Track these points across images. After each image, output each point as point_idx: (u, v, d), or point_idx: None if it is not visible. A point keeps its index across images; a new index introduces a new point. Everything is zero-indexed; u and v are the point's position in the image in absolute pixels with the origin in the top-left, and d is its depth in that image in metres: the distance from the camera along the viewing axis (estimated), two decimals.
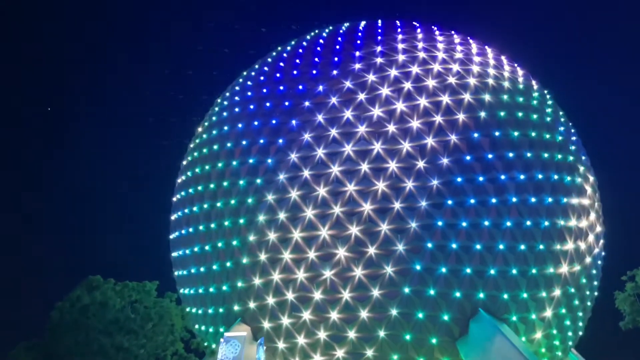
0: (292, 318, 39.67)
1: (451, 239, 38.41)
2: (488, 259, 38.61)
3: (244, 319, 41.36)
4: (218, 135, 47.07)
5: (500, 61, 48.70)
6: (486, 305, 38.40)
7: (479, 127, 41.18)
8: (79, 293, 30.76)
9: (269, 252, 40.39)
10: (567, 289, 41.31)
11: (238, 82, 51.78)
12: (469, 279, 38.35)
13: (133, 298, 32.93)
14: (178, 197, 49.39)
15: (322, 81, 44.15)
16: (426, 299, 38.22)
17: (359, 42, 47.26)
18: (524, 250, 39.18)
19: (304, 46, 49.44)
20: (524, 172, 40.52)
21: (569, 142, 45.59)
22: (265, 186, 41.57)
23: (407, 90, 42.36)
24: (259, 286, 40.57)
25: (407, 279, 38.21)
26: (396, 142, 40.38)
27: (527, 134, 42.32)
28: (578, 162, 45.15)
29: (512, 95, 44.41)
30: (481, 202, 39.16)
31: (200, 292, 44.81)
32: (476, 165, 39.88)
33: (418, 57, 44.86)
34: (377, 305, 38.35)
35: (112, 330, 28.68)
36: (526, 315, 39.54)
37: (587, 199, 44.10)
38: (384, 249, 38.47)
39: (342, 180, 39.84)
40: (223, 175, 44.17)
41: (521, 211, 39.67)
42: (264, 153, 42.66)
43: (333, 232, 39.15)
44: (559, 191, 41.60)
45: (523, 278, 39.16)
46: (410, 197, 38.99)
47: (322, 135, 41.56)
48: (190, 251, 45.81)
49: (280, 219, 40.34)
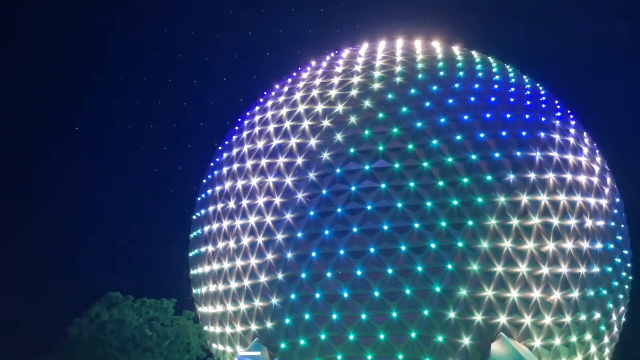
0: (309, 338, 39.24)
1: (471, 260, 37.69)
2: (509, 282, 37.73)
3: (260, 338, 41.11)
4: (238, 155, 47.52)
5: (522, 80, 48.30)
6: (507, 329, 37.41)
7: (500, 147, 40.64)
8: (97, 309, 31.10)
9: (287, 271, 40.25)
10: (593, 313, 40.02)
11: (258, 102, 52.42)
12: (489, 302, 37.48)
13: (150, 315, 33.13)
14: (197, 215, 49.85)
15: (341, 101, 44.32)
16: (446, 322, 37.44)
17: (378, 62, 47.41)
18: (547, 274, 38.18)
19: (323, 67, 49.84)
20: (546, 194, 39.70)
21: (593, 163, 44.66)
22: (284, 205, 41.66)
23: (427, 108, 42.16)
24: (276, 305, 40.36)
25: (426, 301, 37.55)
26: (416, 160, 40.09)
27: (549, 155, 41.54)
28: (603, 183, 44.12)
29: (534, 115, 43.83)
30: (502, 224, 38.43)
31: (218, 310, 44.79)
32: (497, 185, 39.28)
33: (438, 76, 44.76)
34: (395, 327, 37.70)
35: (128, 348, 28.80)
36: (550, 341, 38.36)
37: (612, 221, 42.95)
38: (402, 269, 37.96)
39: (361, 198, 39.64)
40: (242, 193, 44.44)
41: (543, 233, 38.76)
42: (283, 172, 42.85)
43: (350, 251, 38.84)
44: (584, 213, 40.61)
45: (546, 302, 38.11)
46: (429, 216, 38.53)
47: (340, 153, 41.57)
48: (208, 269, 45.98)
49: (299, 237, 40.26)
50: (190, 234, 50.79)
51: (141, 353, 29.33)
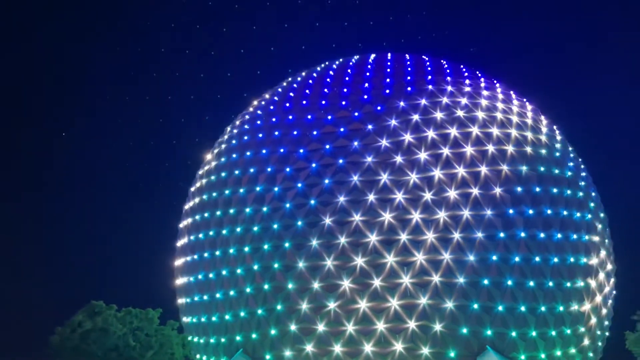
0: (295, 350, 38.94)
1: (457, 273, 37.81)
2: (496, 295, 37.88)
3: (245, 349, 40.69)
4: (226, 163, 47.36)
5: (509, 96, 48.89)
6: (494, 342, 37.48)
7: (486, 161, 41.04)
8: (80, 318, 30.56)
9: (273, 281, 40.00)
10: (577, 327, 40.28)
11: (248, 110, 52.41)
12: (476, 315, 37.58)
13: (135, 325, 32.61)
14: (184, 224, 49.43)
15: (331, 111, 44.54)
16: (432, 335, 37.42)
17: (368, 74, 47.82)
18: (533, 287, 38.43)
19: (314, 77, 50.10)
20: (532, 207, 40.10)
21: (578, 178, 45.21)
22: (272, 214, 41.51)
23: (415, 122, 42.52)
24: (262, 316, 40.04)
25: (413, 314, 37.53)
26: (403, 173, 40.32)
27: (536, 169, 42.05)
28: (588, 198, 44.65)
29: (520, 130, 44.38)
30: (489, 237, 38.68)
31: (203, 320, 44.28)
32: (484, 199, 39.57)
33: (426, 89, 45.20)
34: (382, 339, 37.59)
35: (111, 358, 28.29)
36: (535, 354, 38.47)
37: (597, 236, 43.41)
38: (389, 281, 37.95)
39: (349, 210, 39.67)
40: (230, 202, 44.23)
41: (530, 247, 39.09)
42: (271, 181, 42.76)
43: (338, 263, 38.77)
44: (569, 227, 41.01)
45: (532, 315, 38.29)
46: (416, 229, 38.64)
47: (329, 164, 41.65)
48: (194, 279, 45.52)
49: (286, 247, 40.10)
50: (177, 243, 50.29)
51: None
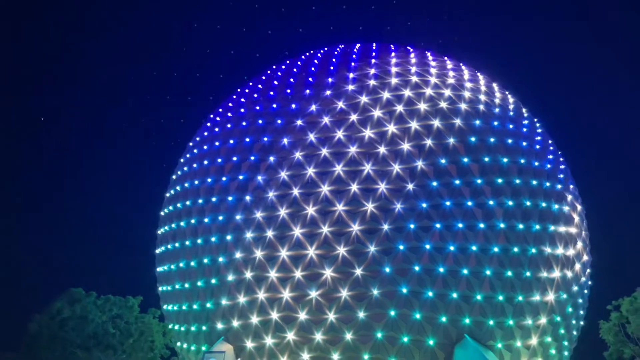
0: (276, 338, 39.11)
1: (439, 262, 38.28)
2: (475, 284, 38.44)
3: (227, 337, 40.75)
4: (209, 151, 47.04)
5: (492, 88, 49.33)
6: (472, 330, 38.11)
7: (469, 152, 41.43)
8: (59, 306, 30.18)
9: (255, 270, 40.04)
10: (553, 317, 41.12)
11: (232, 98, 52.02)
12: (455, 303, 38.12)
13: (114, 313, 32.36)
14: (166, 211, 49.04)
15: (315, 101, 44.47)
16: (412, 323, 37.89)
17: (353, 64, 47.76)
18: (511, 277, 39.08)
19: (298, 66, 49.87)
20: (512, 199, 40.67)
21: (557, 170, 45.94)
22: (254, 203, 41.44)
23: (399, 113, 42.69)
24: (244, 304, 40.09)
25: (394, 302, 37.92)
26: (386, 163, 40.51)
27: (517, 161, 42.59)
28: (566, 190, 45.42)
29: (502, 122, 44.86)
30: (469, 227, 39.16)
31: (184, 308, 44.15)
32: (465, 189, 40.00)
33: (411, 80, 45.34)
34: (362, 327, 37.94)
35: (90, 345, 28.06)
36: (511, 343, 39.22)
37: (574, 228, 44.25)
38: (371, 270, 38.25)
39: (332, 200, 39.79)
40: (212, 190, 44.00)
41: (509, 237, 39.68)
42: (254, 170, 42.64)
43: (320, 252, 38.92)
44: (547, 219, 41.72)
45: (509, 305, 38.97)
46: (398, 219, 38.94)
47: (313, 154, 41.65)
48: (175, 267, 45.30)
49: (268, 236, 40.12)
50: (158, 231, 49.90)
51: (103, 350, 28.61)
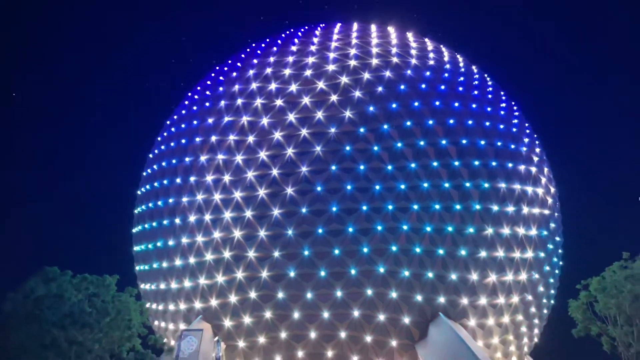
0: (254, 317, 39.41)
1: (415, 243, 38.85)
2: (450, 265, 39.21)
3: (205, 316, 40.89)
4: (187, 130, 46.51)
5: (471, 71, 49.69)
6: (446, 309, 38.99)
7: (447, 134, 41.81)
8: (33, 284, 29.76)
9: (234, 250, 40.07)
10: (525, 296, 42.32)
11: (210, 76, 51.30)
12: (430, 283, 38.87)
13: (91, 291, 32.07)
14: (143, 190, 48.54)
15: (295, 81, 44.13)
16: (388, 302, 38.56)
17: (333, 44, 47.38)
18: (485, 257, 39.94)
19: (278, 45, 49.30)
20: (488, 181, 41.33)
21: (532, 153, 46.78)
22: (233, 183, 41.27)
23: (379, 93, 42.71)
24: (222, 284, 40.19)
25: (371, 281, 38.46)
26: (366, 144, 40.64)
27: (493, 144, 43.20)
28: (540, 173, 46.35)
29: (480, 105, 45.31)
30: (446, 208, 39.75)
31: (162, 287, 44.07)
32: (442, 171, 40.48)
33: (391, 61, 45.29)
34: (340, 306, 38.47)
35: (66, 324, 27.80)
36: (484, 321, 40.33)
37: (547, 210, 45.31)
38: (349, 249, 38.63)
39: (312, 180, 39.85)
40: (190, 170, 43.63)
41: (484, 218, 40.44)
42: (233, 150, 42.34)
43: (299, 232, 39.09)
44: (521, 201, 42.58)
45: (482, 284, 39.91)
46: (377, 199, 39.28)
47: (292, 134, 41.51)
48: (153, 246, 45.03)
49: (247, 216, 40.09)
50: (135, 210, 49.40)
51: (79, 329, 28.38)
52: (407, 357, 38.87)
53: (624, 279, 35.67)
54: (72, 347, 27.83)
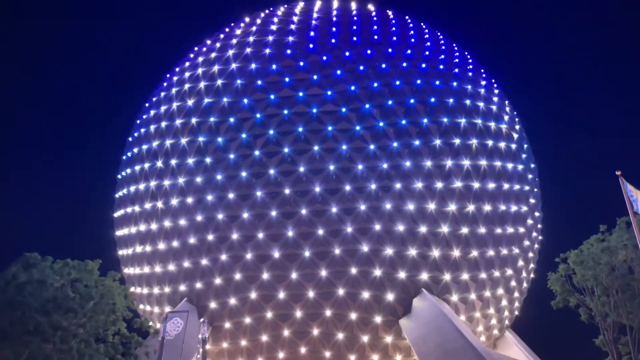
0: (239, 298, 39.58)
1: (397, 221, 39.21)
2: (432, 242, 39.74)
3: (190, 298, 40.94)
4: (166, 112, 45.82)
5: (452, 48, 49.73)
6: (429, 285, 39.61)
7: (428, 112, 41.97)
8: (14, 270, 29.34)
9: (217, 232, 39.98)
10: (505, 270, 43.20)
11: (189, 57, 50.43)
12: (413, 260, 39.39)
13: (73, 276, 31.77)
14: (123, 174, 47.94)
15: (276, 60, 43.67)
16: (372, 280, 39.02)
17: (314, 22, 46.93)
18: (466, 234, 40.55)
19: (257, 23, 48.61)
20: (469, 159, 41.73)
21: (512, 130, 47.29)
22: (215, 165, 40.99)
23: (361, 72, 42.55)
24: (206, 266, 40.17)
25: (354, 260, 38.82)
26: (348, 124, 40.59)
27: (473, 121, 43.51)
28: (520, 150, 46.94)
29: (461, 83, 45.49)
30: (427, 187, 40.11)
31: (146, 271, 43.91)
32: (424, 149, 40.74)
33: (372, 39, 45.06)
34: (324, 285, 38.82)
35: (49, 309, 27.56)
36: (466, 296, 41.13)
37: (527, 185, 46.02)
38: (332, 229, 38.84)
39: (295, 160, 39.77)
40: (171, 152, 43.15)
41: (465, 196, 40.95)
42: (214, 131, 41.95)
43: (282, 212, 39.12)
44: (502, 177, 43.16)
45: (464, 260, 40.59)
46: (359, 179, 39.43)
47: (274, 114, 41.21)
48: (135, 230, 44.67)
49: (230, 198, 39.94)
50: (116, 194, 48.84)
51: (63, 314, 28.14)
52: (392, 333, 39.53)
53: (600, 251, 36.64)
54: (57, 332, 27.62)
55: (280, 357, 39.65)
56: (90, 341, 29.90)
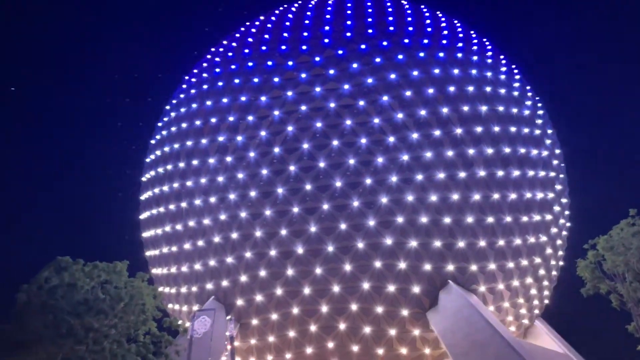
0: (265, 294, 39.87)
1: (421, 213, 38.89)
2: (457, 232, 39.30)
3: (217, 296, 41.44)
4: (186, 113, 46.38)
5: (470, 35, 48.92)
6: (455, 276, 39.24)
7: (448, 101, 41.43)
8: (46, 274, 30.11)
9: (241, 230, 40.33)
10: (533, 259, 42.48)
11: (206, 58, 50.89)
12: (438, 251, 39.05)
13: (103, 279, 32.43)
14: (147, 177, 48.71)
15: (292, 57, 43.72)
16: (397, 272, 38.83)
17: (328, 16, 46.77)
18: (492, 223, 39.98)
19: (272, 21, 48.72)
20: (491, 146, 41.09)
21: (535, 115, 46.35)
22: (236, 164, 41.30)
23: (377, 64, 42.23)
24: (232, 264, 40.59)
25: (378, 253, 38.69)
26: (367, 117, 40.38)
27: (495, 108, 42.79)
28: (544, 135, 46.01)
29: (480, 70, 44.75)
30: (450, 177, 39.66)
31: (173, 271, 44.62)
32: (445, 139, 40.26)
33: (388, 31, 44.68)
34: (349, 279, 38.81)
35: (80, 311, 28.21)
36: (494, 286, 40.60)
37: (552, 172, 45.10)
38: (355, 223, 38.75)
39: (314, 156, 39.78)
40: (192, 153, 43.64)
41: (489, 185, 40.34)
42: (234, 131, 42.25)
43: (304, 208, 39.21)
44: (525, 164, 42.39)
45: (491, 250, 40.05)
46: (380, 172, 39.22)
47: (292, 111, 41.27)
48: (161, 231, 45.40)
49: (252, 196, 40.22)
50: (141, 196, 49.67)
51: (94, 316, 28.79)
52: (419, 325, 39.31)
53: (631, 235, 35.60)
54: (89, 334, 28.29)
55: (308, 352, 39.86)
56: (122, 341, 30.49)
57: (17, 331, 26.92)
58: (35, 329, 27.06)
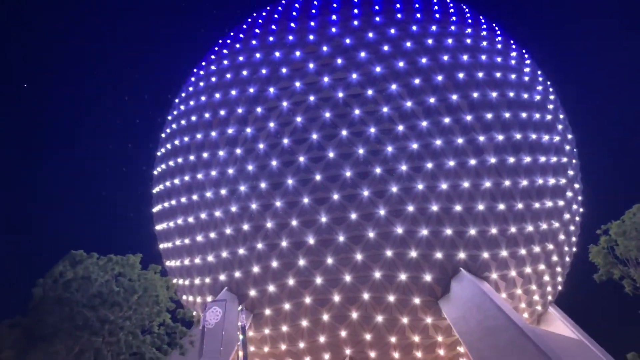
0: (277, 285, 40.17)
1: (431, 201, 38.79)
2: (468, 220, 39.16)
3: (230, 287, 41.83)
4: (195, 107, 46.55)
5: (479, 21, 48.34)
6: (467, 264, 39.16)
7: (457, 88, 41.08)
8: (61, 268, 30.59)
9: (252, 221, 40.57)
10: (546, 245, 42.21)
11: (214, 50, 50.92)
12: (449, 239, 38.96)
13: (116, 271, 32.87)
14: (158, 170, 49.09)
15: (299, 47, 43.57)
16: (408, 261, 38.85)
17: (335, 5, 46.45)
18: (503, 210, 39.76)
19: (279, 11, 48.51)
20: (502, 133, 40.74)
21: (547, 101, 45.79)
22: (246, 156, 41.44)
23: (385, 52, 41.94)
24: (244, 255, 40.89)
25: (389, 242, 38.71)
26: (375, 106, 40.21)
27: (505, 94, 42.36)
28: (556, 120, 45.47)
29: (490, 56, 44.25)
30: (460, 164, 39.44)
31: (186, 263, 45.07)
32: (454, 127, 39.98)
33: (396, 18, 44.28)
34: (360, 268, 38.92)
35: (95, 304, 28.69)
36: (506, 273, 40.47)
37: (565, 157, 44.63)
38: (365, 213, 38.79)
39: (323, 146, 39.77)
40: (202, 146, 43.87)
41: (500, 171, 40.08)
42: (243, 123, 42.35)
43: (315, 198, 39.30)
44: (537, 150, 41.99)
45: (502, 237, 39.88)
46: (390, 160, 39.12)
47: (300, 102, 41.23)
48: (173, 223, 45.83)
49: (262, 188, 40.37)
50: (153, 189, 50.13)
51: (109, 308, 29.26)
52: (431, 313, 39.39)
53: None
54: (105, 326, 28.77)
55: (321, 341, 40.17)
56: (137, 333, 30.95)
57: (35, 325, 27.44)
58: (52, 322, 27.57)
